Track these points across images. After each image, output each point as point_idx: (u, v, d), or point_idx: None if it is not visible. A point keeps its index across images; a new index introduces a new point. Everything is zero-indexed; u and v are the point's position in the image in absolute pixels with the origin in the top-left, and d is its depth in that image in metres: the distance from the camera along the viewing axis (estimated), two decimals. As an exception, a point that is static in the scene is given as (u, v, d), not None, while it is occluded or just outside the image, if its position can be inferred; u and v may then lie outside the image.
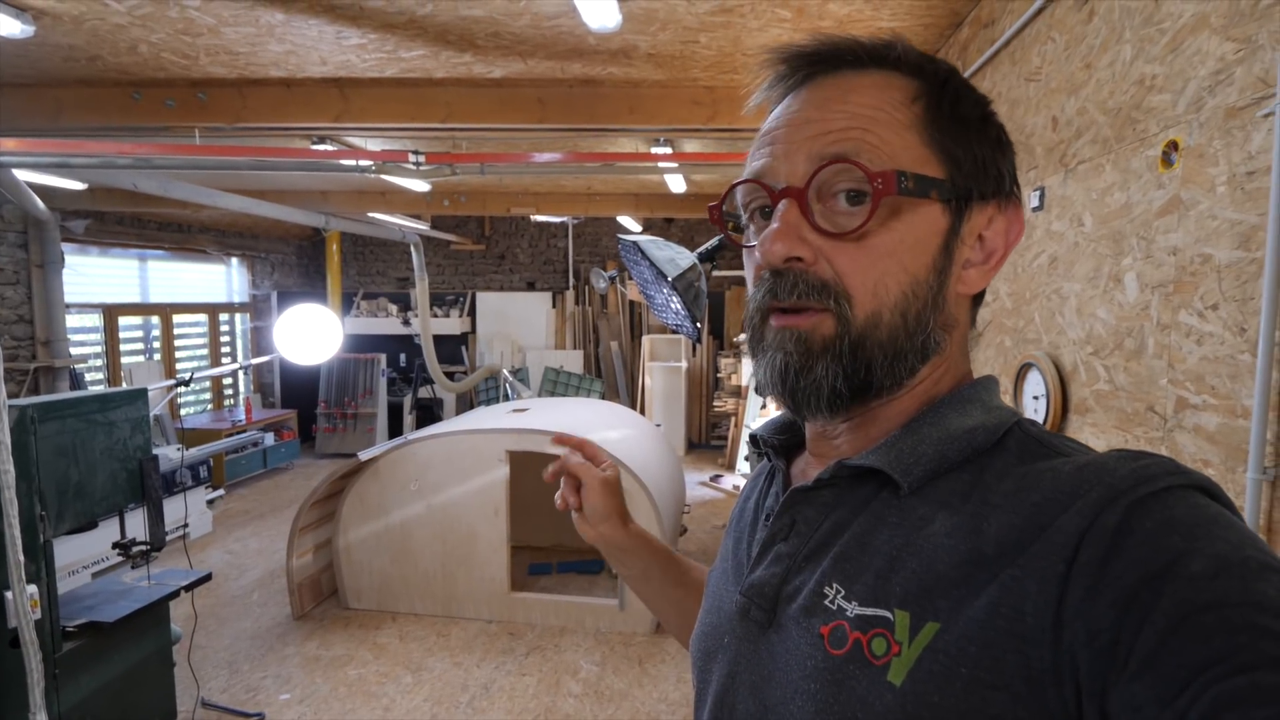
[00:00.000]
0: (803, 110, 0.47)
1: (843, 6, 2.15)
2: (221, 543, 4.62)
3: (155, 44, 2.50)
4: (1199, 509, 0.35)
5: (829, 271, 0.45)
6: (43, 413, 1.97)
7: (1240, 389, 1.11)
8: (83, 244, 5.37)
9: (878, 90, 0.46)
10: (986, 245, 0.48)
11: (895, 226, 0.45)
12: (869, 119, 0.45)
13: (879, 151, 0.44)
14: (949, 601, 0.38)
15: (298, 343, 3.34)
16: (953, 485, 0.43)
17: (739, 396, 6.46)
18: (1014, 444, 0.44)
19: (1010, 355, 1.92)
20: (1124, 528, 0.35)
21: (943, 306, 0.47)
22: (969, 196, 0.46)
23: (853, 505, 0.46)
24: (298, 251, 8.00)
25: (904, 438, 0.46)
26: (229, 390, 6.96)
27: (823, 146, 0.45)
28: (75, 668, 2.07)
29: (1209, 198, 1.18)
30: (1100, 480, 0.37)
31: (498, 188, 5.54)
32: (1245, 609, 0.30)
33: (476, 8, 2.18)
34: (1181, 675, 0.30)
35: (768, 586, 0.48)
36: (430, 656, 3.13)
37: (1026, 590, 0.36)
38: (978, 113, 0.47)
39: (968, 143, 0.46)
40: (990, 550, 0.38)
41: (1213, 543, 0.33)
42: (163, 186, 3.22)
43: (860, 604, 0.42)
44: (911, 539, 0.42)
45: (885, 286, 0.45)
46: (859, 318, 0.44)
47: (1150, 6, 1.34)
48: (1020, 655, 0.35)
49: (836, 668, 0.41)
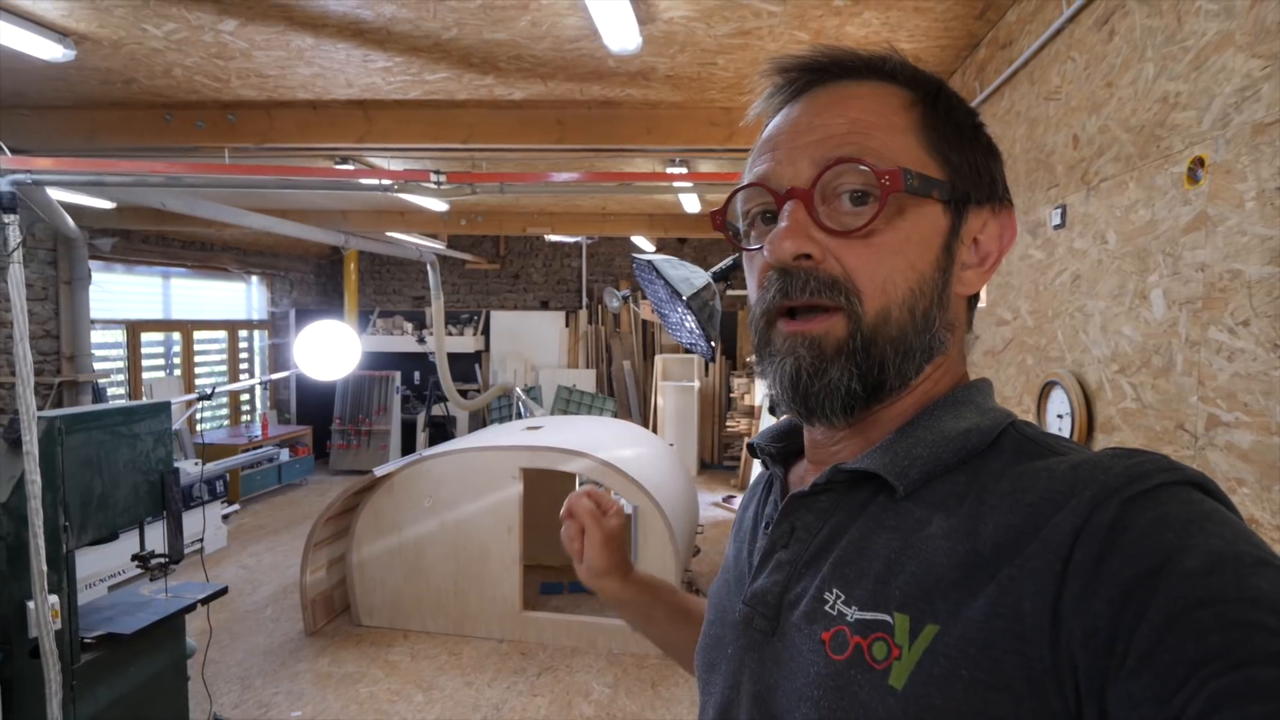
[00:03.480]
0: (803, 117, 0.48)
1: (860, 29, 2.18)
2: (236, 557, 4.63)
3: (189, 67, 2.58)
4: (1193, 505, 0.35)
5: (838, 269, 0.45)
6: (70, 424, 1.99)
7: (1274, 405, 1.09)
8: (109, 261, 5.49)
9: (875, 98, 0.47)
10: (981, 248, 0.49)
11: (900, 225, 0.45)
12: (870, 124, 0.46)
13: (881, 154, 0.45)
14: (948, 603, 0.38)
15: (317, 358, 3.38)
16: (949, 487, 0.43)
17: (752, 416, 6.42)
18: (1009, 444, 0.44)
19: (1033, 374, 1.90)
20: (1118, 525, 0.34)
21: (947, 305, 0.48)
22: (966, 199, 0.48)
23: (850, 510, 0.46)
24: (316, 270, 8.12)
25: (899, 441, 0.46)
26: (246, 406, 7.03)
27: (827, 150, 0.46)
28: (92, 679, 2.07)
29: (1237, 213, 1.17)
30: (1093, 478, 0.37)
31: (514, 207, 5.61)
32: (1240, 604, 0.30)
33: (500, 31, 2.23)
34: (1178, 672, 0.30)
35: (770, 595, 0.48)
36: (442, 675, 3.10)
37: (1024, 590, 0.36)
38: (970, 120, 0.49)
39: (962, 148, 0.48)
40: (987, 551, 0.38)
41: (1207, 538, 0.33)
42: (189, 205, 3.29)
43: (860, 608, 0.42)
44: (909, 542, 0.42)
45: (893, 283, 0.45)
46: (870, 314, 0.45)
47: (1173, 25, 1.34)
48: (1020, 655, 0.35)
49: (838, 673, 0.41)
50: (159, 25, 2.23)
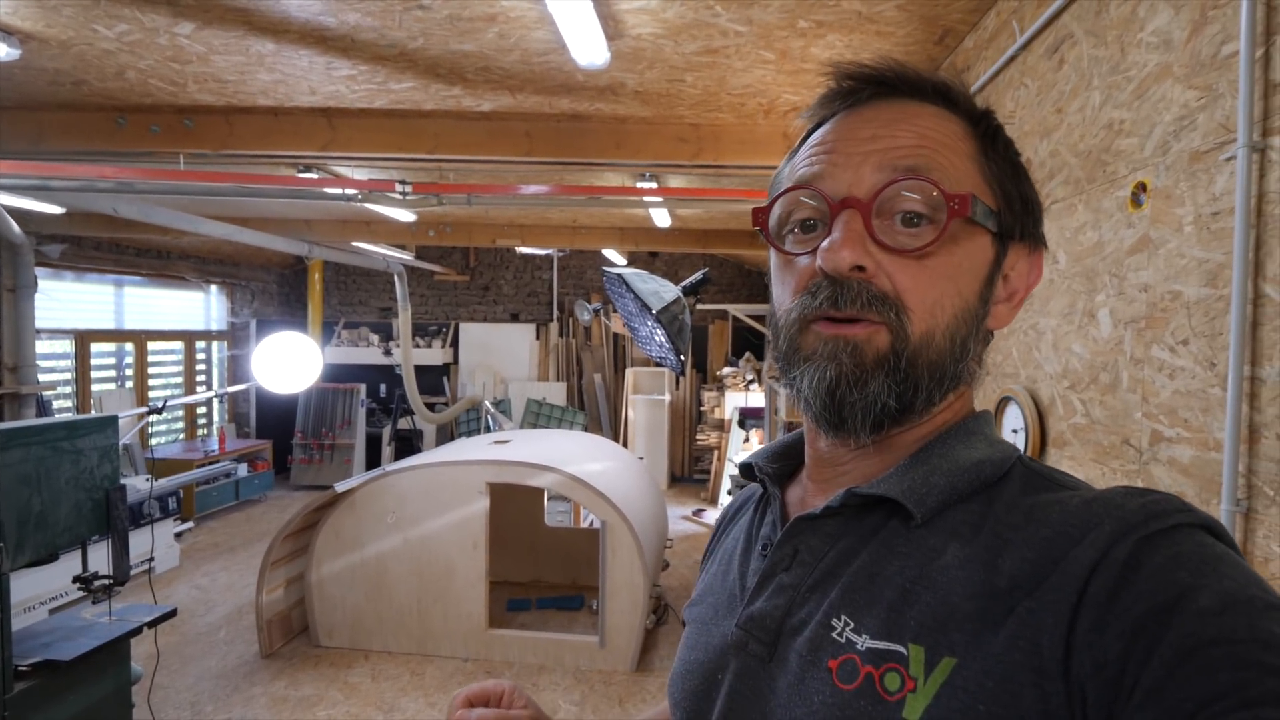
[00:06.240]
0: (866, 126, 0.47)
1: (824, 50, 2.23)
2: (189, 577, 4.45)
3: (143, 70, 2.51)
4: (1205, 547, 0.35)
5: (889, 285, 0.44)
6: (6, 439, 1.90)
7: (1212, 422, 1.14)
8: (58, 269, 5.28)
9: (939, 120, 0.47)
10: (1010, 284, 0.49)
11: (955, 251, 0.45)
12: (938, 142, 0.46)
13: (948, 174, 0.45)
14: (964, 635, 0.38)
15: (276, 371, 3.29)
16: (963, 516, 0.43)
17: (722, 430, 6.45)
18: (1017, 477, 0.45)
19: (989, 389, 1.95)
20: (1132, 562, 0.35)
21: (982, 336, 0.48)
22: (1012, 234, 0.48)
23: (860, 534, 0.46)
24: (279, 280, 7.94)
25: (915, 467, 0.45)
26: (203, 420, 6.81)
27: (895, 159, 0.45)
28: (27, 709, 1.96)
29: (1177, 237, 1.22)
30: (1110, 514, 0.38)
31: (483, 219, 5.57)
32: (1251, 645, 0.31)
33: (467, 43, 2.22)
34: (1187, 708, 0.30)
35: (769, 619, 0.46)
36: (403, 697, 3.02)
37: (1043, 623, 0.36)
38: (1020, 158, 0.50)
39: (1017, 182, 0.48)
40: (1003, 584, 0.38)
41: (1220, 579, 0.33)
42: (143, 212, 3.19)
43: (872, 637, 0.41)
44: (925, 571, 0.41)
45: (942, 307, 0.45)
46: (915, 334, 0.44)
47: (1117, 55, 1.40)
48: (1037, 689, 0.35)
49: (846, 703, 0.40)
50: (110, 26, 2.16)
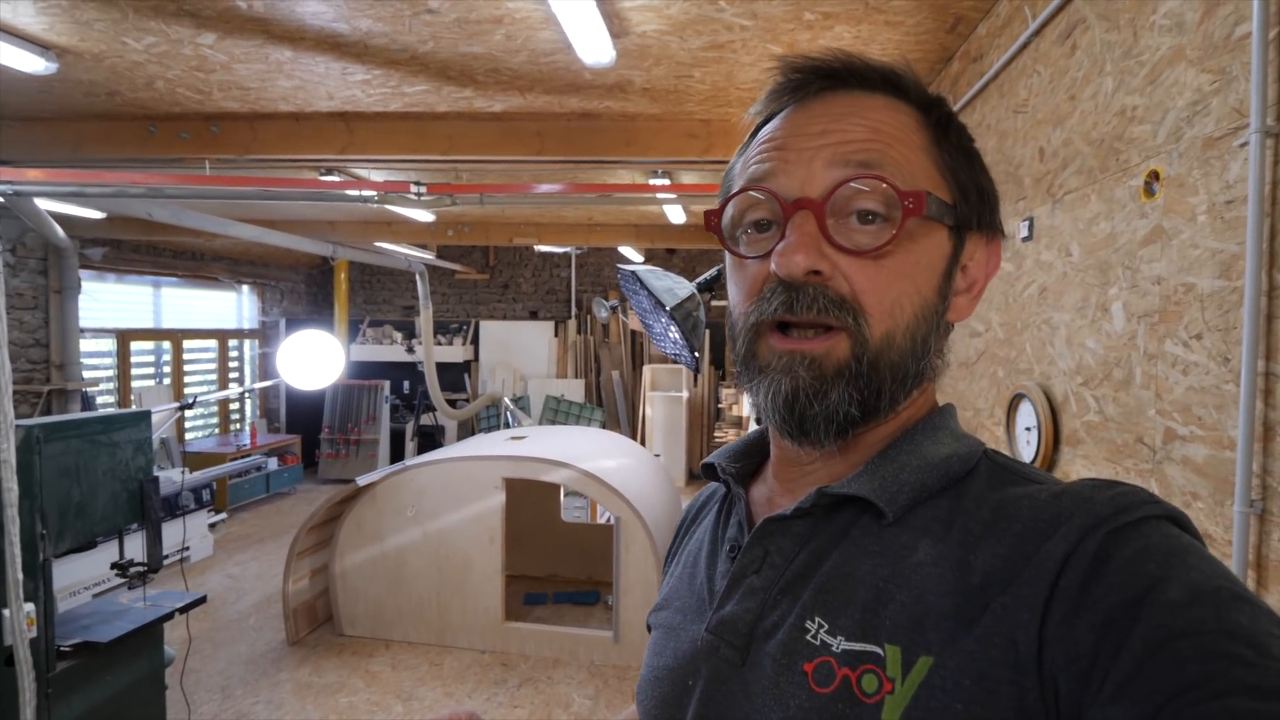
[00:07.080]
0: (816, 121, 0.45)
1: (832, 43, 2.20)
2: (221, 566, 4.60)
3: (171, 80, 2.59)
4: (1173, 539, 0.35)
5: (846, 288, 0.43)
6: (48, 433, 1.99)
7: (1226, 419, 1.10)
8: (100, 271, 5.49)
9: (890, 111, 0.46)
10: (969, 275, 0.49)
11: (911, 248, 0.44)
12: (890, 135, 0.45)
13: (901, 169, 0.44)
14: (939, 634, 0.38)
15: (300, 368, 3.38)
16: (933, 513, 0.43)
17: (740, 427, 6.42)
18: (984, 471, 0.44)
19: (1003, 386, 1.91)
20: (1102, 554, 0.35)
21: (943, 331, 0.47)
22: (968, 226, 0.47)
23: (830, 535, 0.45)
24: (306, 279, 8.13)
25: (884, 465, 0.45)
26: (235, 415, 7.01)
27: (847, 153, 0.43)
28: (68, 688, 2.06)
29: (1190, 227, 1.18)
30: (1079, 508, 0.37)
31: (500, 218, 5.63)
32: (1219, 636, 0.31)
33: (476, 45, 2.25)
34: (1156, 699, 0.30)
35: (740, 623, 0.45)
36: (422, 686, 3.09)
37: (1018, 619, 0.36)
38: (974, 146, 0.49)
39: (972, 172, 0.47)
40: (977, 580, 0.38)
41: (1188, 571, 0.33)
42: (175, 215, 3.30)
43: (847, 639, 0.40)
44: (898, 570, 0.41)
45: (901, 306, 0.44)
46: (875, 337, 0.43)
47: (1129, 39, 1.36)
48: (1014, 685, 0.35)
49: (824, 707, 0.39)
50: (139, 39, 2.24)
